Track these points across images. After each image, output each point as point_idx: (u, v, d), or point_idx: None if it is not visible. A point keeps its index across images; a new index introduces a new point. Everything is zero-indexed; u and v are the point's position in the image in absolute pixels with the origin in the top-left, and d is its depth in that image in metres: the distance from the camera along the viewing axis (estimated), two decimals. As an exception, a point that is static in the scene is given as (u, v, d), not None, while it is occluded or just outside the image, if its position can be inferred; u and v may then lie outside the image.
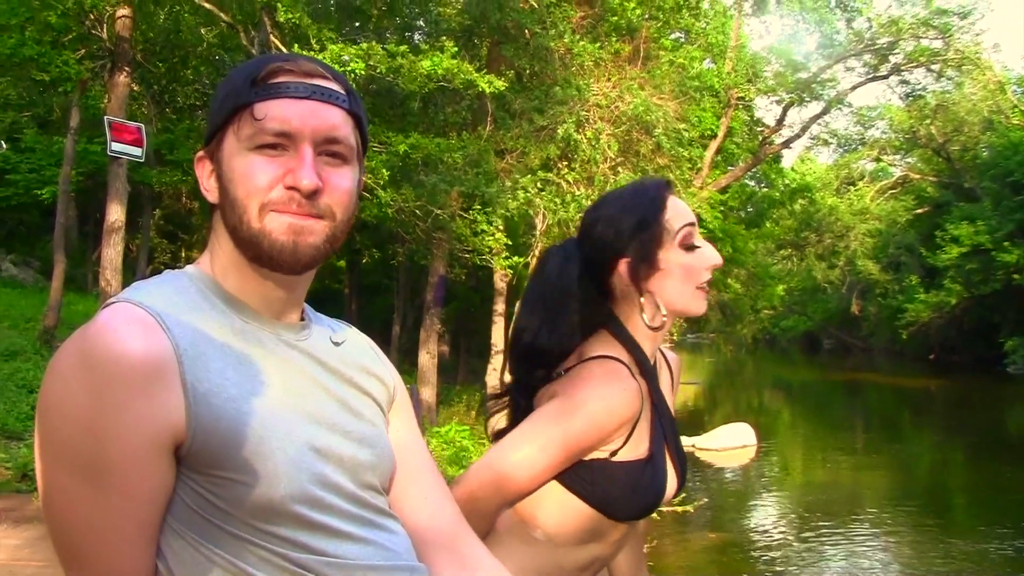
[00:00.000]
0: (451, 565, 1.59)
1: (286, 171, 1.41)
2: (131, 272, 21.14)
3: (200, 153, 1.49)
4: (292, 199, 1.41)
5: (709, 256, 2.10)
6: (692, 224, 2.09)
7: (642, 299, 2.09)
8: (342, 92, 1.49)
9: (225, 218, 1.45)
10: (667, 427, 2.14)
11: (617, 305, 2.14)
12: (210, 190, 1.47)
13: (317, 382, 1.51)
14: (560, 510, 2.01)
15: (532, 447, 1.96)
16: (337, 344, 1.60)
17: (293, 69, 1.45)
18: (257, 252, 1.43)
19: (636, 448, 2.03)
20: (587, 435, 1.96)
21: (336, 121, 1.46)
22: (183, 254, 37.80)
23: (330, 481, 1.43)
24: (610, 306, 2.14)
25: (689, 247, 2.08)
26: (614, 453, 2.00)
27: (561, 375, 2.06)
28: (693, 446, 19.78)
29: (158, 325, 1.30)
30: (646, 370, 2.10)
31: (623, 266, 2.08)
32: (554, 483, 2.00)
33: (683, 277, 2.08)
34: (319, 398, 1.49)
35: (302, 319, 1.57)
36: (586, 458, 2.00)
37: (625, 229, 2.08)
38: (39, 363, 13.29)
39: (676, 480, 2.17)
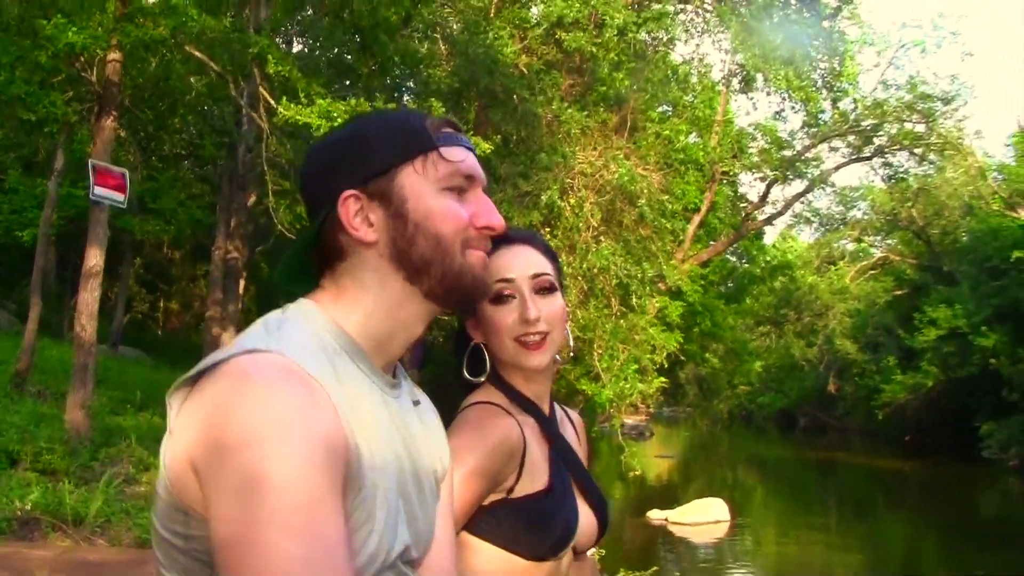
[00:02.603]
0: None
1: (472, 212, 1.50)
2: (107, 319, 21.01)
3: (350, 192, 1.47)
4: (482, 238, 1.52)
5: (519, 308, 2.07)
6: (506, 280, 2.06)
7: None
8: None
9: (414, 255, 1.47)
10: (574, 467, 2.15)
11: None
12: (360, 229, 1.47)
13: (406, 445, 1.51)
14: (479, 560, 1.98)
15: None
16: (416, 403, 1.62)
17: (455, 123, 1.55)
18: (455, 287, 1.49)
19: (532, 482, 2.02)
20: (477, 481, 1.93)
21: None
22: (161, 304, 37.70)
23: (407, 555, 1.45)
24: None
25: (498, 299, 2.06)
26: (510, 491, 1.99)
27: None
28: (666, 519, 19.68)
29: (324, 391, 1.30)
30: (527, 409, 2.10)
31: (471, 323, 2.13)
32: (464, 535, 1.96)
33: (497, 331, 2.07)
34: (405, 464, 1.49)
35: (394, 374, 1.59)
36: (485, 503, 1.97)
37: None
38: (8, 406, 13.15)
39: (594, 518, 2.15)
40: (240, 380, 1.25)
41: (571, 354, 2.35)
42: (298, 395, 1.25)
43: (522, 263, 2.08)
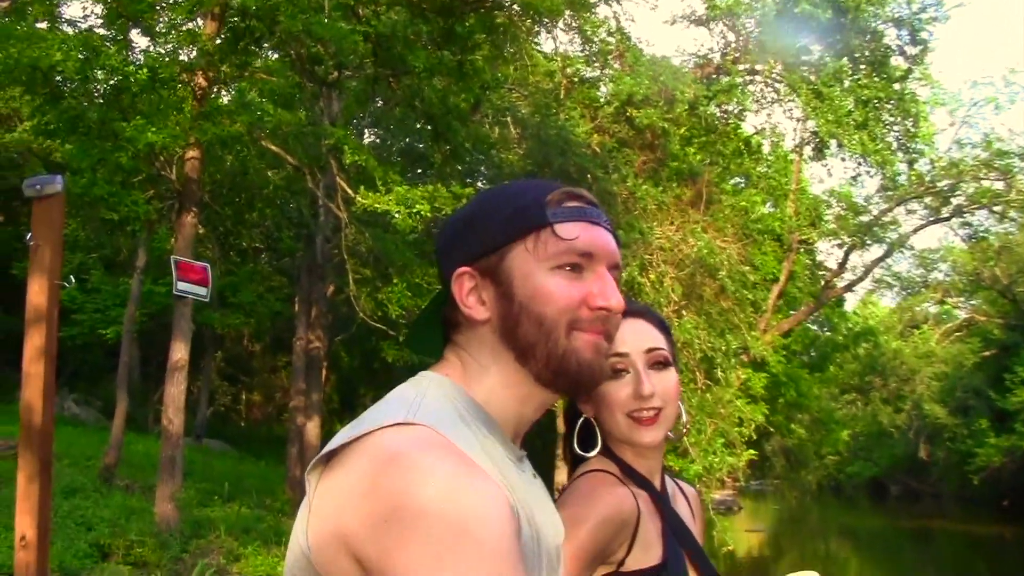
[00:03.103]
0: None
1: (587, 292, 1.43)
2: (192, 412, 21.19)
3: (464, 269, 1.47)
4: (599, 319, 1.44)
5: (632, 383, 2.03)
6: (619, 354, 2.01)
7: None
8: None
9: (519, 336, 1.44)
10: (687, 542, 2.09)
11: None
12: (473, 306, 1.46)
13: (544, 519, 1.48)
14: None
15: None
16: (535, 477, 1.57)
17: (581, 195, 1.50)
18: (560, 371, 1.43)
19: (645, 555, 1.97)
20: (585, 548, 1.88)
21: (616, 248, 1.51)
22: (243, 396, 38.05)
23: None
24: None
25: (611, 373, 2.00)
26: (621, 563, 1.95)
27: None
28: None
29: (477, 463, 1.28)
30: (638, 481, 2.05)
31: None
32: None
33: (610, 406, 2.03)
34: (541, 535, 1.44)
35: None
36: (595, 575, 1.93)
37: None
38: (98, 500, 13.28)
39: None
40: (396, 455, 1.23)
41: (684, 429, 2.29)
42: (462, 466, 1.23)
43: (636, 337, 2.05)
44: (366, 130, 24.09)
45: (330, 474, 1.28)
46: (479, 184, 19.47)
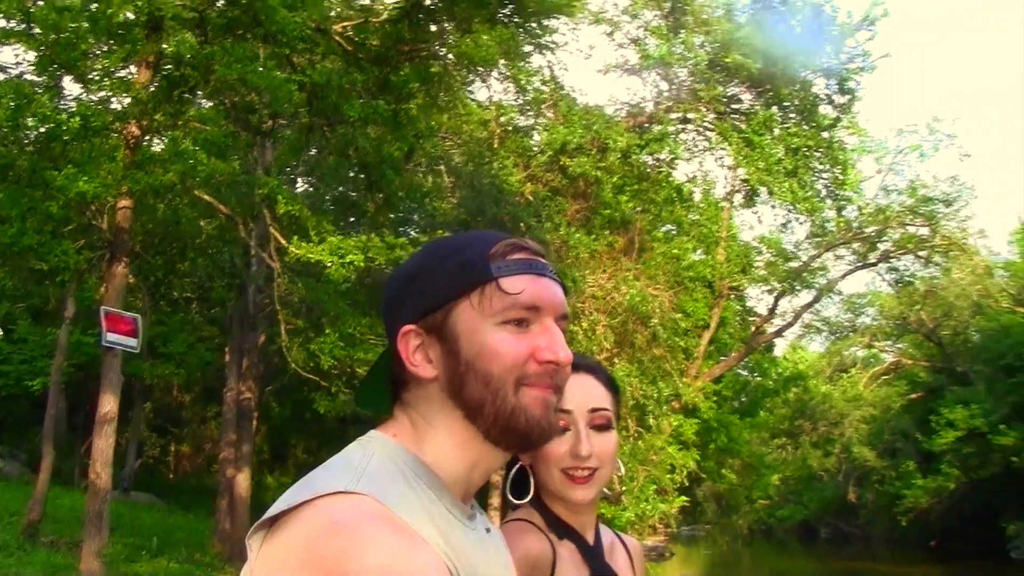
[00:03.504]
0: None
1: (534, 346, 1.40)
2: (119, 465, 20.83)
3: (409, 327, 1.44)
4: (547, 372, 1.41)
5: (571, 441, 2.03)
6: (563, 411, 2.00)
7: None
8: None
9: (466, 394, 1.41)
10: None
11: None
12: (419, 365, 1.43)
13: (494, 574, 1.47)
14: None
15: None
16: (488, 531, 1.54)
17: (527, 247, 1.48)
18: (509, 428, 1.41)
19: None
20: None
21: (563, 298, 1.48)
22: (172, 447, 37.46)
23: None
24: None
25: None
26: None
27: None
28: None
29: (419, 534, 1.27)
30: (566, 533, 2.05)
31: None
32: None
33: (546, 460, 2.03)
34: None
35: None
36: None
37: None
38: (22, 558, 13.02)
39: None
40: (336, 526, 1.21)
41: (620, 488, 2.29)
42: (402, 537, 1.22)
43: (582, 395, 2.04)
44: (299, 179, 24.00)
45: (272, 540, 1.27)
46: (412, 233, 19.47)
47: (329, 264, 13.07)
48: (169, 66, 13.00)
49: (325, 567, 1.18)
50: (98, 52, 13.31)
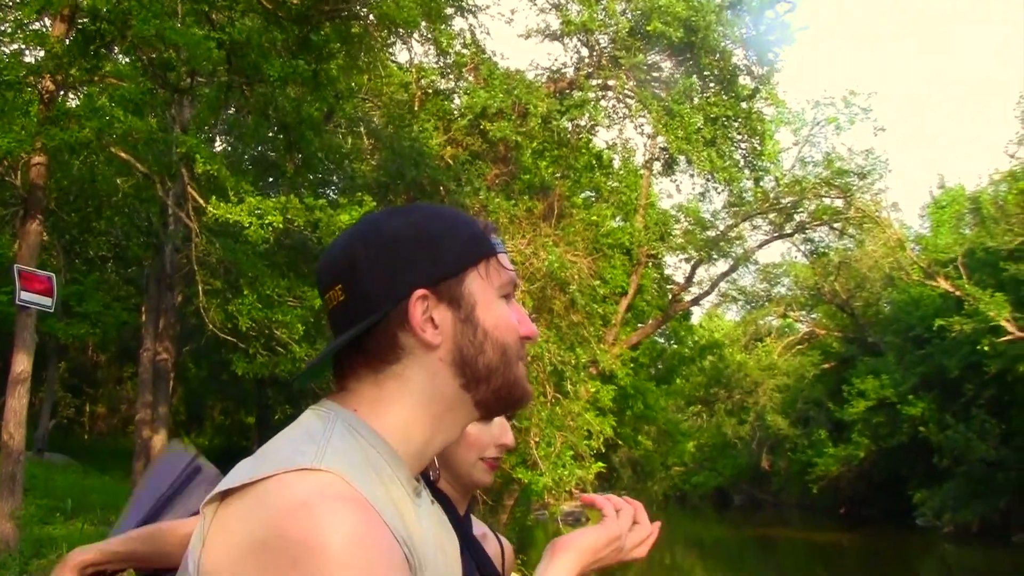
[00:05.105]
0: None
1: (520, 321, 1.46)
2: (33, 425, 20.55)
3: (423, 291, 1.38)
4: (524, 347, 1.48)
5: (499, 432, 2.11)
6: None
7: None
8: None
9: (481, 363, 1.40)
10: (487, 570, 2.11)
11: None
12: (426, 330, 1.38)
13: (438, 551, 1.45)
14: None
15: None
16: (432, 503, 1.53)
17: (496, 228, 1.51)
18: (507, 398, 1.45)
19: None
20: None
21: None
22: (87, 408, 36.98)
23: None
24: None
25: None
26: None
27: None
28: (606, 605, 19.50)
29: (380, 516, 1.25)
30: (442, 501, 2.04)
31: None
32: None
33: (469, 445, 2.08)
34: (444, 572, 1.45)
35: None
36: None
37: None
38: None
39: None
40: (303, 507, 1.18)
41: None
42: (367, 526, 1.20)
43: None
44: (218, 138, 23.74)
45: (229, 510, 1.23)
46: (331, 195, 19.37)
47: (248, 225, 12.96)
48: (85, 20, 12.74)
49: (289, 549, 1.16)
50: (10, 4, 13.06)
